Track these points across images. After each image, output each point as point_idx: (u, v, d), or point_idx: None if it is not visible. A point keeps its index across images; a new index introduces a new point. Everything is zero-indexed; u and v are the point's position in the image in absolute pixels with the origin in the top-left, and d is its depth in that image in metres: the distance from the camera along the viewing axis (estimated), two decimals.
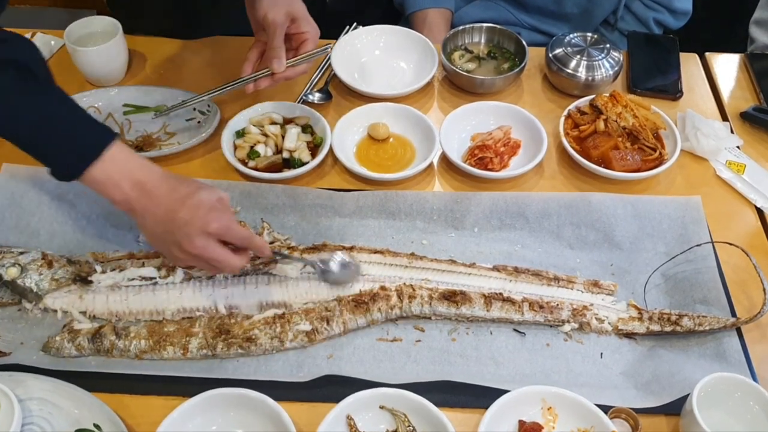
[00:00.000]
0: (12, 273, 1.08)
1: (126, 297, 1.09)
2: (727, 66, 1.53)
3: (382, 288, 1.09)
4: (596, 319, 1.09)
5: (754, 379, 1.01)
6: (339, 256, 1.10)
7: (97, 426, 0.95)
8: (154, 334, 1.05)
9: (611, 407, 0.96)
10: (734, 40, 1.76)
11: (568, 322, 1.07)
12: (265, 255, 1.04)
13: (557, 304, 1.07)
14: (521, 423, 0.96)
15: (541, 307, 1.07)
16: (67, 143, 0.97)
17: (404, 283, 1.09)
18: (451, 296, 1.08)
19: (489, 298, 1.08)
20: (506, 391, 0.97)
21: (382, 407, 0.97)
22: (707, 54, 1.55)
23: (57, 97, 0.98)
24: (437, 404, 0.95)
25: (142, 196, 0.98)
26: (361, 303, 1.07)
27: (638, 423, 0.95)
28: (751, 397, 0.95)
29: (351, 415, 0.96)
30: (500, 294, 1.09)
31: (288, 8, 1.18)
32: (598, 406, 0.96)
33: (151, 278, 1.11)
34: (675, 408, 0.97)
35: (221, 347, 1.03)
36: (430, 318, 1.09)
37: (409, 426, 0.96)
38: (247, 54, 1.24)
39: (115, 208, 1.18)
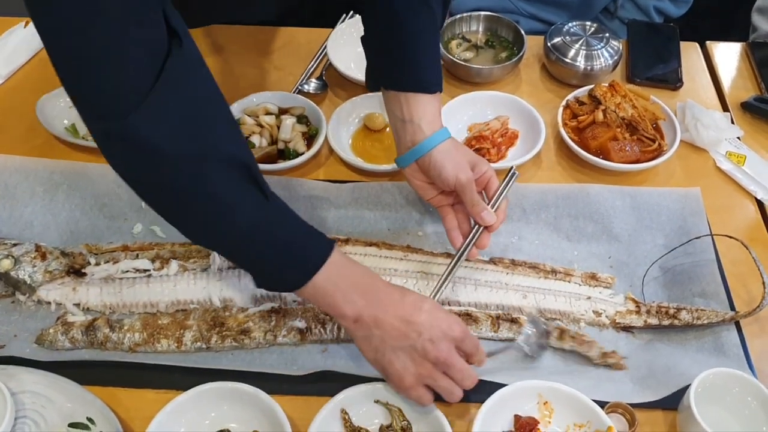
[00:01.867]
0: (5, 265, 1.07)
1: (120, 289, 1.08)
2: (728, 55, 1.52)
3: None
4: (593, 312, 1.09)
5: (753, 373, 1.01)
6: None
7: (90, 419, 0.94)
8: (148, 326, 1.04)
9: (608, 402, 0.96)
10: (736, 29, 1.75)
11: (595, 362, 1.04)
12: (481, 364, 0.98)
13: (589, 341, 1.04)
14: (517, 417, 0.96)
15: (572, 338, 1.04)
16: (291, 254, 0.91)
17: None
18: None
19: (496, 320, 1.06)
20: (502, 386, 0.96)
21: (376, 401, 0.96)
22: (708, 43, 1.54)
23: (276, 206, 0.93)
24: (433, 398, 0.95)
25: (370, 304, 0.92)
26: None
27: (635, 418, 0.95)
28: (749, 393, 0.94)
29: (345, 409, 0.95)
30: (508, 315, 1.07)
31: (467, 159, 1.06)
32: (595, 401, 0.95)
33: (146, 270, 1.10)
34: (672, 403, 0.97)
35: (215, 340, 1.03)
36: None
37: (403, 420, 0.95)
38: (446, 226, 1.09)
39: (107, 200, 1.19)
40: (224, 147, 0.86)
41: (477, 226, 1.06)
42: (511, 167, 1.09)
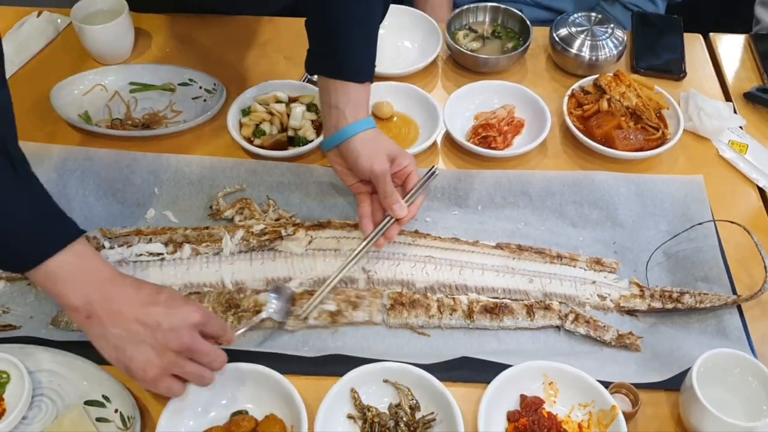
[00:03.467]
0: None
1: (134, 272, 1.10)
2: (731, 46, 1.53)
3: (425, 296, 1.08)
4: (598, 296, 1.11)
5: (754, 355, 1.02)
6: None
7: (105, 397, 0.96)
8: None
9: (612, 383, 0.98)
10: (739, 21, 1.76)
11: (610, 344, 1.06)
12: (230, 342, 0.97)
13: (605, 326, 1.06)
14: (523, 397, 0.98)
15: (587, 322, 1.07)
16: (28, 232, 0.86)
17: (445, 295, 1.09)
18: (493, 309, 1.07)
19: (531, 308, 1.08)
20: (508, 366, 0.98)
21: (385, 381, 0.98)
22: (711, 34, 1.55)
23: (25, 183, 0.90)
24: (440, 379, 0.97)
25: (105, 299, 0.87)
26: (398, 303, 1.07)
27: (638, 398, 0.97)
28: (750, 373, 0.96)
29: (355, 388, 0.97)
30: (541, 302, 1.09)
31: (386, 152, 1.08)
32: (599, 381, 0.97)
33: (159, 254, 1.12)
34: (675, 384, 0.99)
35: (231, 321, 1.04)
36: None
37: (412, 399, 0.97)
38: (359, 213, 1.12)
39: (120, 185, 1.21)
40: None
41: (388, 218, 1.08)
42: (433, 166, 1.14)
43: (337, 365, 1.00)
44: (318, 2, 1.09)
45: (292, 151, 1.26)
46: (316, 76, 1.38)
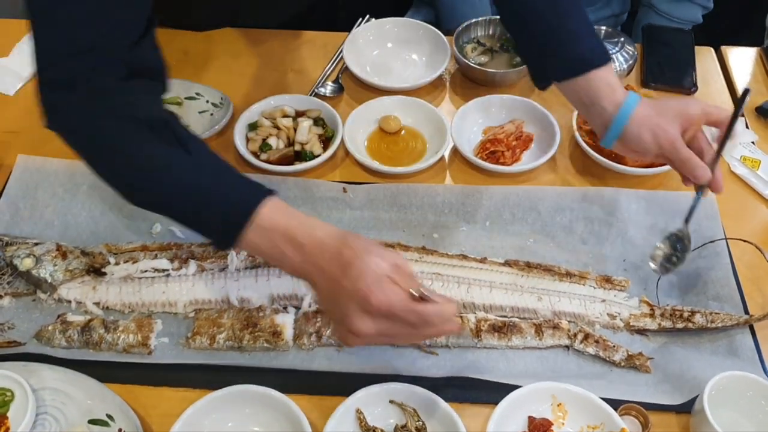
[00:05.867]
0: (27, 264, 1.09)
1: (139, 288, 1.10)
2: (742, 60, 1.52)
3: None
4: (608, 315, 1.09)
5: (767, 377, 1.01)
6: None
7: (109, 416, 0.96)
8: (143, 328, 1.05)
9: (621, 403, 0.96)
10: (751, 33, 1.75)
11: (620, 365, 1.04)
12: (454, 331, 0.92)
13: (614, 346, 1.05)
14: (531, 419, 0.97)
15: (596, 341, 1.05)
16: (215, 211, 0.88)
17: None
18: (501, 328, 1.05)
19: (539, 327, 1.06)
20: (516, 387, 0.97)
21: (391, 402, 0.97)
22: (723, 47, 1.54)
23: (198, 161, 0.90)
24: (447, 399, 0.96)
25: (305, 261, 0.85)
26: None
27: (648, 420, 0.95)
28: (763, 396, 0.94)
29: (361, 408, 0.96)
30: (550, 321, 1.07)
31: (669, 116, 1.01)
32: (609, 401, 0.96)
33: (164, 270, 1.11)
34: (686, 405, 0.97)
35: (247, 340, 1.04)
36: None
37: (418, 420, 0.96)
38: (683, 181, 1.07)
39: (121, 205, 1.21)
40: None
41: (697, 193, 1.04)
42: (746, 89, 1.03)
43: (342, 383, 0.99)
44: (526, 11, 1.06)
45: (298, 166, 1.25)
46: (323, 91, 1.41)
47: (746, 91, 1.03)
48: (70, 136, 0.90)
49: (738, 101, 1.01)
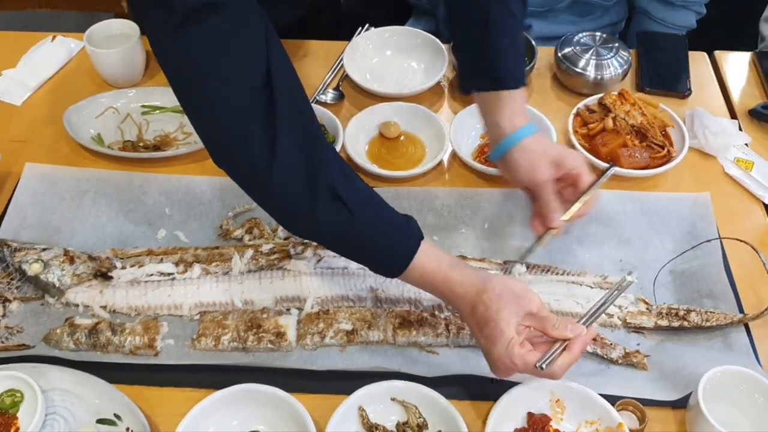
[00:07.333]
0: (35, 269, 1.11)
1: (145, 292, 1.12)
2: (736, 64, 1.54)
3: (432, 315, 1.09)
4: (605, 313, 1.11)
5: (762, 372, 1.02)
6: None
7: (117, 416, 0.98)
8: (149, 330, 1.07)
9: (619, 399, 0.98)
10: (745, 38, 1.77)
11: (617, 362, 1.06)
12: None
13: (611, 344, 1.07)
14: (530, 415, 0.98)
15: (594, 339, 1.06)
16: (383, 253, 0.97)
17: (453, 313, 1.09)
18: None
19: None
20: (516, 384, 0.99)
21: (393, 399, 0.99)
22: (716, 52, 1.56)
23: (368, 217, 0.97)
24: (447, 396, 0.98)
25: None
26: (406, 322, 1.08)
27: (645, 415, 0.97)
28: (757, 390, 0.96)
29: (363, 406, 0.98)
30: None
31: (547, 158, 1.10)
32: (606, 397, 0.97)
33: (169, 273, 1.13)
34: (682, 400, 0.99)
35: (252, 341, 1.06)
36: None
37: (419, 417, 0.98)
38: (531, 224, 1.16)
39: (132, 206, 1.23)
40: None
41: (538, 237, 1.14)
42: (611, 164, 1.18)
43: (344, 381, 1.01)
44: (463, 20, 1.12)
45: None
46: (324, 98, 1.43)
47: (610, 166, 1.17)
48: None
49: (600, 174, 1.14)
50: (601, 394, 0.98)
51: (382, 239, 0.97)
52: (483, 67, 1.12)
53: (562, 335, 0.92)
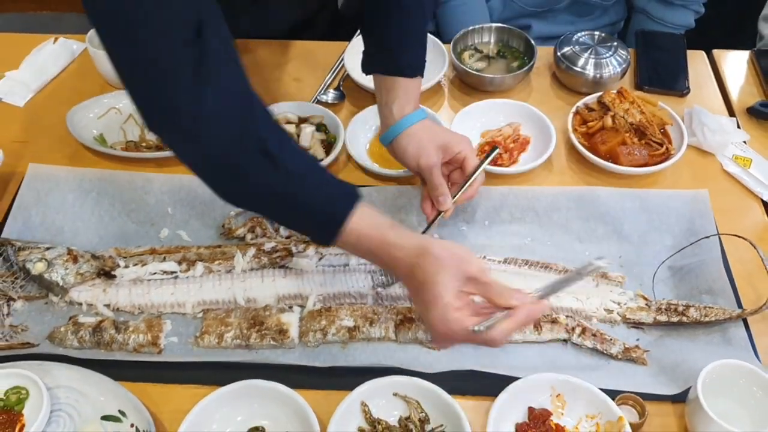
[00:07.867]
0: (39, 268, 1.12)
1: (148, 290, 1.13)
2: (734, 63, 1.55)
3: None
4: (605, 309, 1.12)
5: (760, 366, 1.03)
6: None
7: (121, 412, 0.98)
8: (153, 328, 1.08)
9: (619, 393, 0.99)
10: (743, 38, 1.78)
11: (617, 357, 1.07)
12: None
13: (611, 339, 1.08)
14: (531, 410, 0.99)
15: (594, 335, 1.08)
16: (308, 223, 0.95)
17: None
18: None
19: (538, 322, 1.08)
20: (516, 379, 1.00)
21: (395, 394, 1.00)
22: (715, 51, 1.57)
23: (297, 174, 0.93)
24: (449, 391, 0.98)
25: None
26: (408, 318, 1.08)
27: (645, 409, 0.98)
28: (756, 383, 0.97)
29: (365, 401, 0.99)
30: (548, 316, 1.10)
31: (434, 143, 1.12)
32: (606, 391, 0.98)
33: (172, 272, 1.14)
34: (681, 395, 1.00)
35: (254, 338, 1.07)
36: None
37: (421, 412, 0.99)
38: (422, 206, 1.17)
39: (135, 206, 1.24)
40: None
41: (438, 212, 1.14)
42: (495, 146, 1.20)
43: (347, 377, 1.02)
44: (375, 3, 1.14)
45: None
46: (325, 98, 1.44)
47: (494, 148, 1.18)
48: None
49: (484, 157, 1.16)
50: (601, 389, 0.99)
51: (313, 199, 0.93)
52: (385, 52, 1.15)
53: (507, 303, 0.89)
